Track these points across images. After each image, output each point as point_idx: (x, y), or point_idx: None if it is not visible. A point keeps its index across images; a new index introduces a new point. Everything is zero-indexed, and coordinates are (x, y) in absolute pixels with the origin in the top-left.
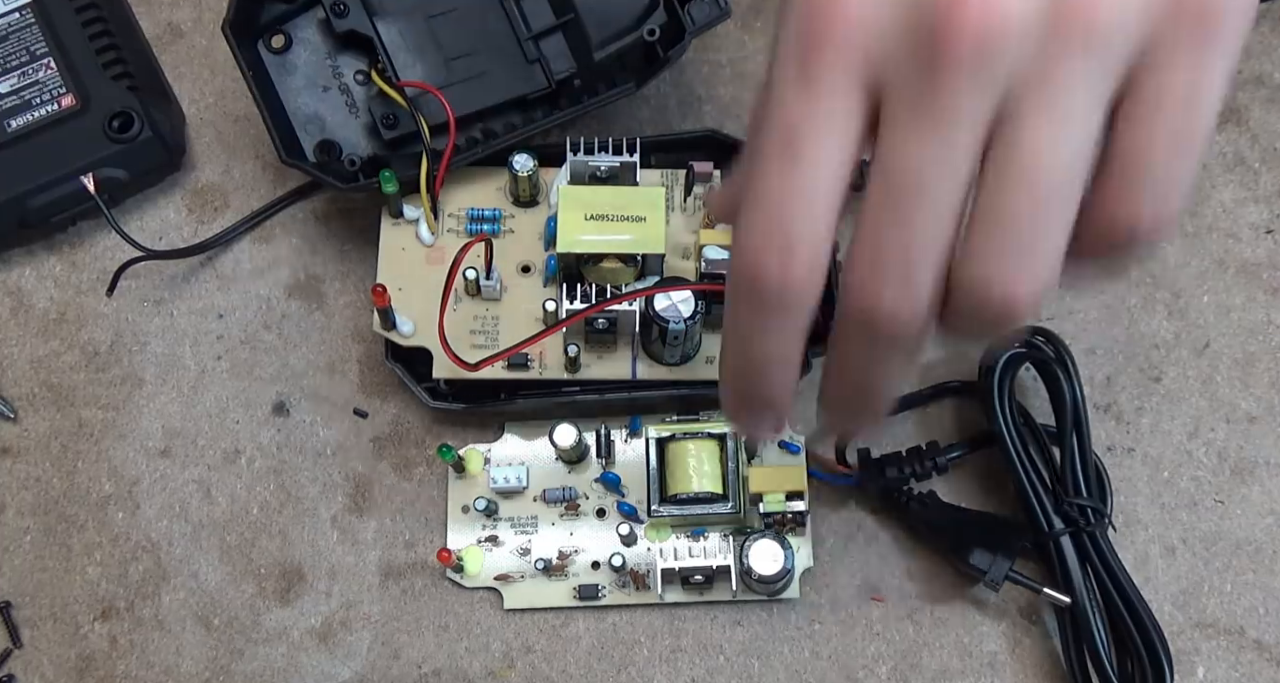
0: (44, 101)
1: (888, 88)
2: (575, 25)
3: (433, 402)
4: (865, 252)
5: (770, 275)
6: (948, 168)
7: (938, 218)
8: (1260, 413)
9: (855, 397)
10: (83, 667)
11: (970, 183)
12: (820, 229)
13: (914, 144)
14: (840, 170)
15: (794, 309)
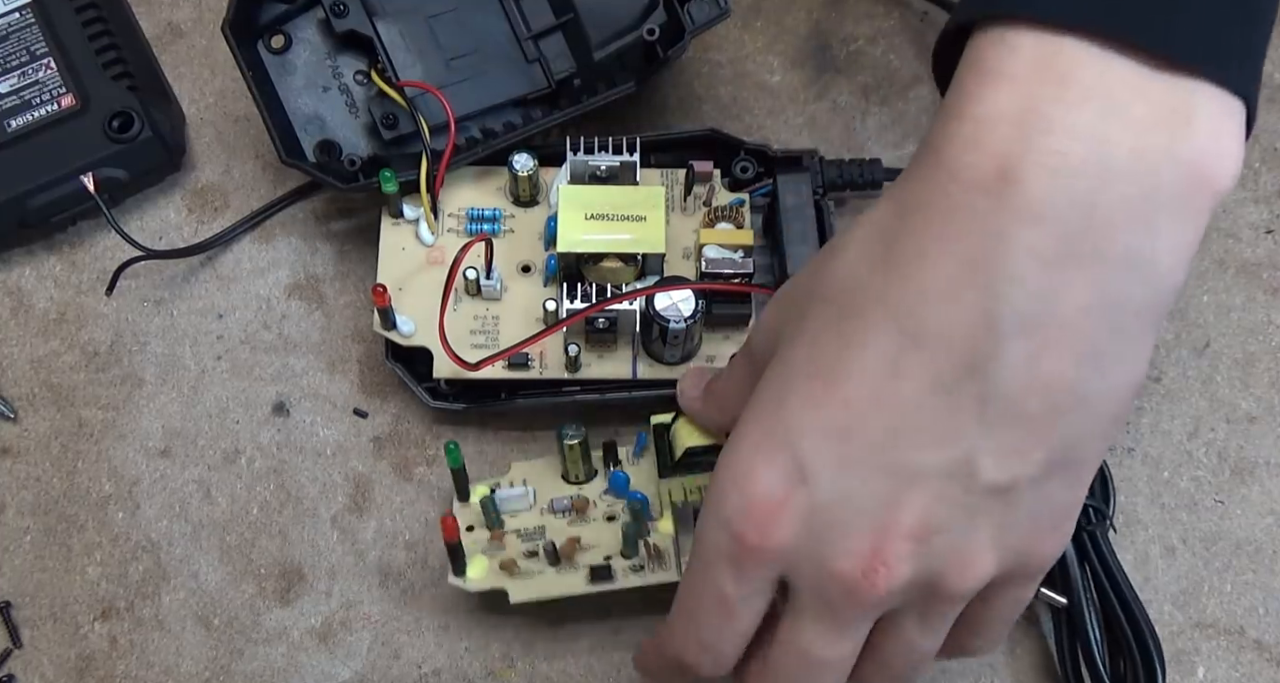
0: (44, 101)
1: (800, 587)
2: (575, 25)
3: (433, 402)
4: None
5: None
6: (837, 657)
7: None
8: (1260, 413)
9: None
10: (83, 667)
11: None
12: (735, 652)
13: (818, 638)
14: (755, 622)
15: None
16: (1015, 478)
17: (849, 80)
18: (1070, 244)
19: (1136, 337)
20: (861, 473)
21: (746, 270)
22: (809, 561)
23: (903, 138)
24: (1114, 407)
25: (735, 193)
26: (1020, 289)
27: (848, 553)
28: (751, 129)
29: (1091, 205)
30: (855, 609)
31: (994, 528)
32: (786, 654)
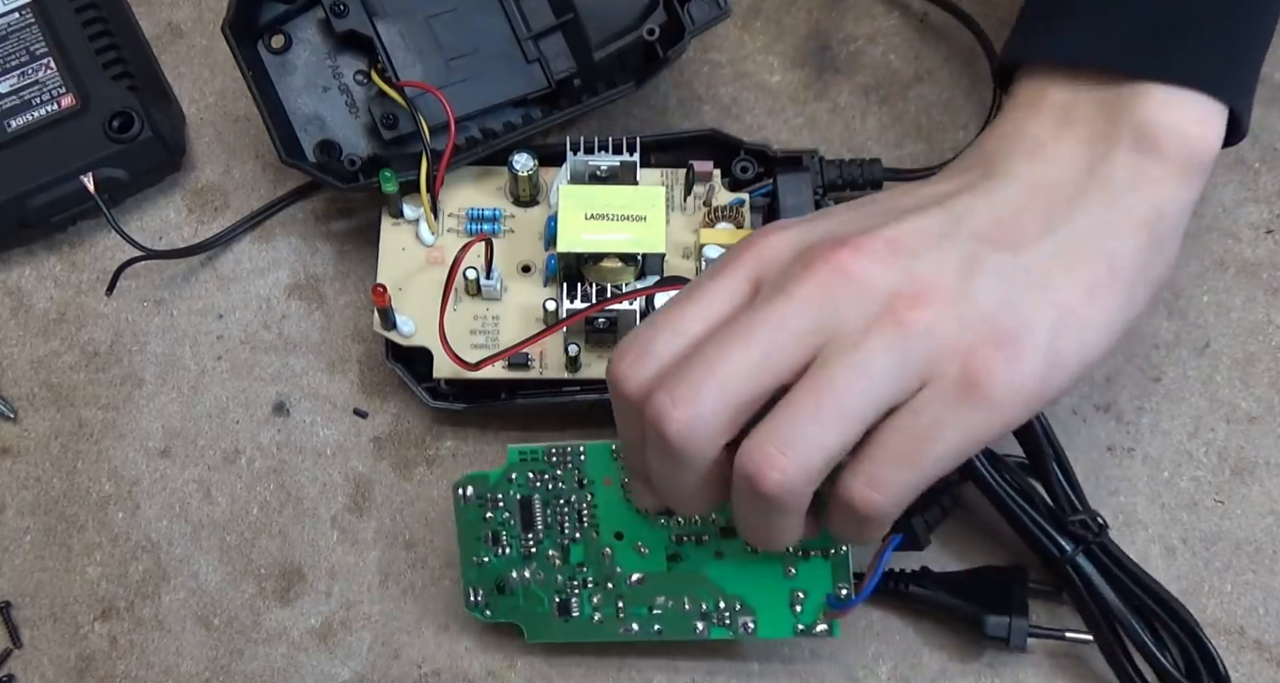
0: (44, 101)
1: (770, 275)
2: (575, 25)
3: (433, 402)
4: (670, 369)
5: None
6: (770, 338)
7: (741, 365)
8: (1260, 413)
9: (637, 473)
10: (83, 667)
11: (783, 369)
12: (670, 342)
13: (759, 310)
14: (719, 311)
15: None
16: (992, 245)
17: (849, 80)
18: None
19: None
20: (863, 214)
21: None
22: (788, 250)
23: (903, 138)
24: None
25: (735, 193)
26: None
27: (823, 241)
28: (751, 129)
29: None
30: (806, 282)
31: (957, 281)
32: (722, 328)
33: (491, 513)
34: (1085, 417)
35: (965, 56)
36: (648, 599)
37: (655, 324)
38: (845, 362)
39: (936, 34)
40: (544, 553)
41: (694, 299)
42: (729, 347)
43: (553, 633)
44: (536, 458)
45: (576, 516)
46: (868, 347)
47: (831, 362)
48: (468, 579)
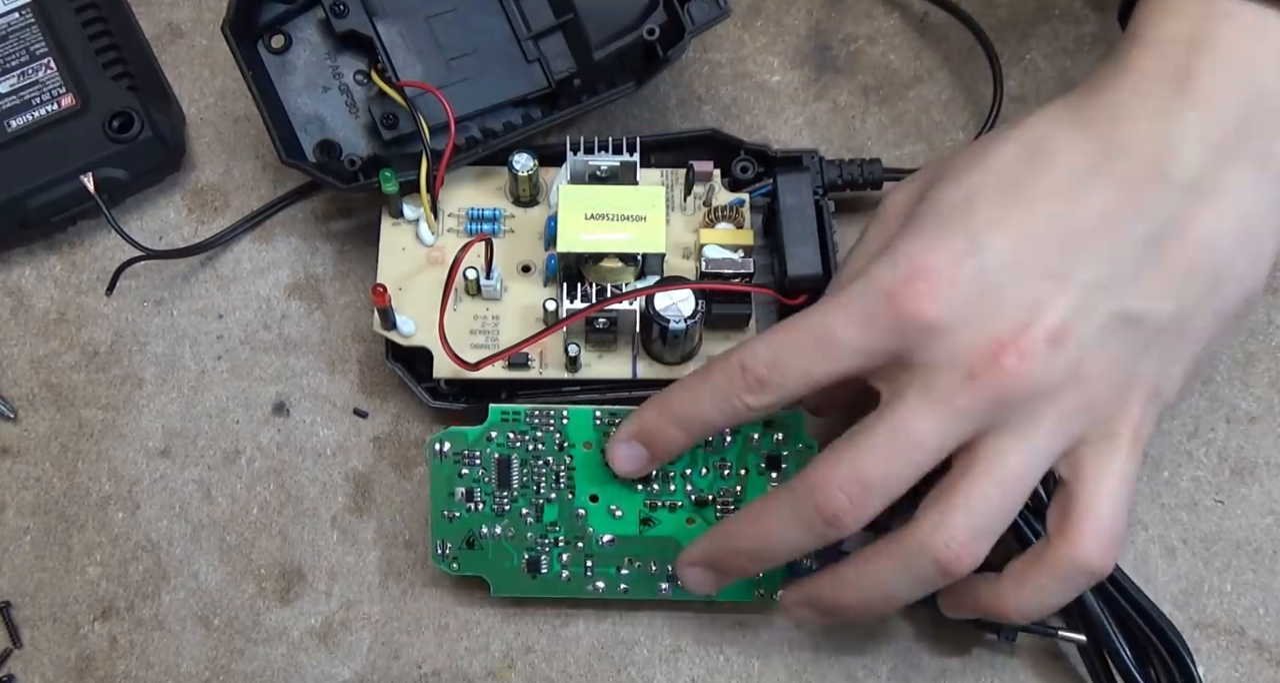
0: (44, 101)
1: (920, 368)
2: (575, 25)
3: (433, 402)
4: (845, 465)
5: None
6: (939, 443)
7: (909, 470)
8: (1260, 413)
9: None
10: (83, 667)
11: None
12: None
13: (926, 417)
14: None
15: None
16: (1146, 313)
17: (849, 80)
18: (1231, 134)
19: (1266, 239)
20: (1026, 272)
21: (746, 270)
22: (944, 336)
23: (903, 138)
24: (1243, 289)
25: (735, 193)
26: (1188, 156)
27: (987, 338)
28: (751, 129)
29: (1247, 108)
30: (969, 394)
31: (1113, 353)
32: (875, 432)
33: (467, 470)
34: None
35: (965, 56)
36: (616, 560)
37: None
38: (1017, 453)
39: (936, 34)
40: (517, 511)
41: (824, 358)
42: (898, 457)
43: (519, 588)
44: (518, 418)
45: (554, 476)
46: (1036, 438)
47: (1007, 451)
48: (436, 532)
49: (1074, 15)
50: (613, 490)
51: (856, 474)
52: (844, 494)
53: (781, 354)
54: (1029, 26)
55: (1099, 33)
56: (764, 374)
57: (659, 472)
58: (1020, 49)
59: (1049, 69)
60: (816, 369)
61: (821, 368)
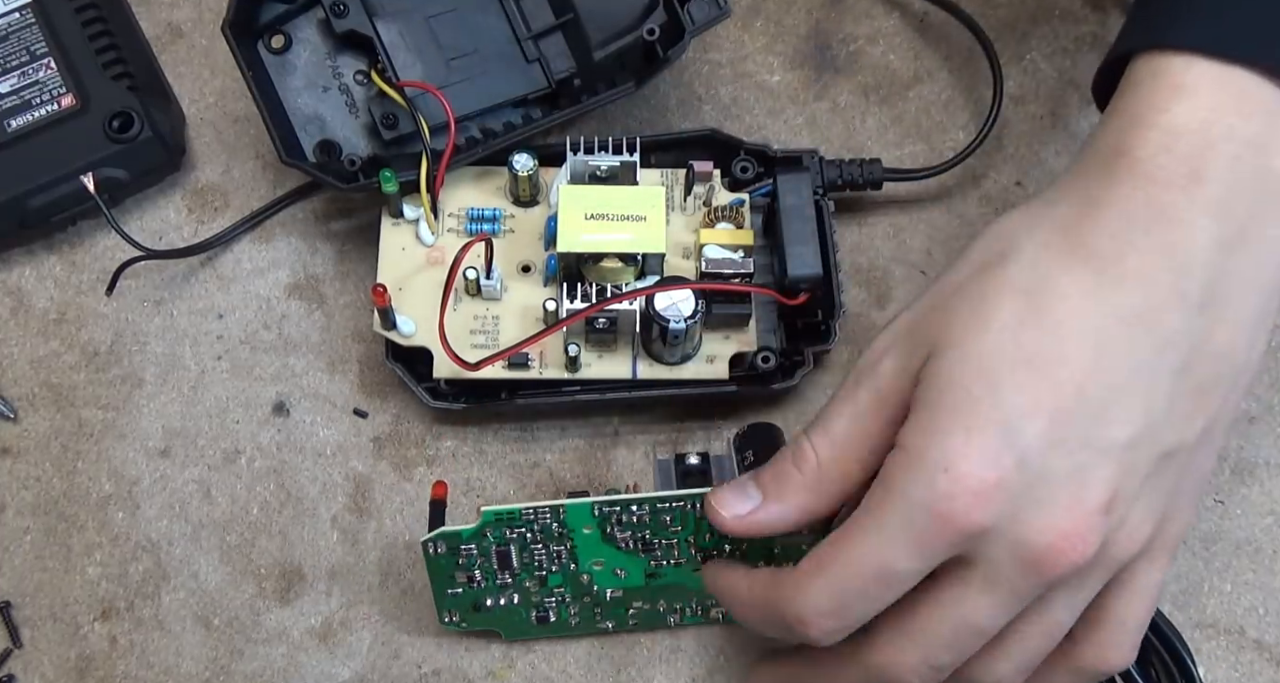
0: (44, 101)
1: (979, 560)
2: (575, 25)
3: (433, 402)
4: (918, 654)
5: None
6: (999, 625)
7: (972, 652)
8: (1260, 413)
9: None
10: (83, 667)
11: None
12: (862, 622)
13: (988, 606)
14: (905, 590)
15: None
16: (1181, 443)
17: (849, 80)
18: (1242, 233)
19: (1269, 318)
20: (1066, 449)
21: (747, 270)
22: (1002, 537)
23: (903, 138)
24: (1250, 376)
25: (735, 193)
26: (1203, 270)
27: (1045, 529)
28: (751, 129)
29: (1256, 201)
30: (1036, 582)
31: (1154, 494)
32: (942, 622)
33: (464, 560)
34: None
35: (965, 56)
36: (625, 605)
37: (848, 604)
38: (1068, 605)
39: (936, 34)
40: (521, 583)
41: (889, 591)
42: (964, 645)
43: (531, 633)
44: (513, 517)
45: (554, 557)
46: (1086, 590)
47: (1056, 608)
48: (442, 605)
49: (1074, 15)
50: (616, 556)
51: (928, 662)
52: (914, 677)
53: (845, 601)
54: (1029, 26)
55: (1099, 33)
56: (833, 625)
57: (660, 540)
58: (1020, 49)
59: (1049, 69)
60: (884, 601)
61: (888, 598)
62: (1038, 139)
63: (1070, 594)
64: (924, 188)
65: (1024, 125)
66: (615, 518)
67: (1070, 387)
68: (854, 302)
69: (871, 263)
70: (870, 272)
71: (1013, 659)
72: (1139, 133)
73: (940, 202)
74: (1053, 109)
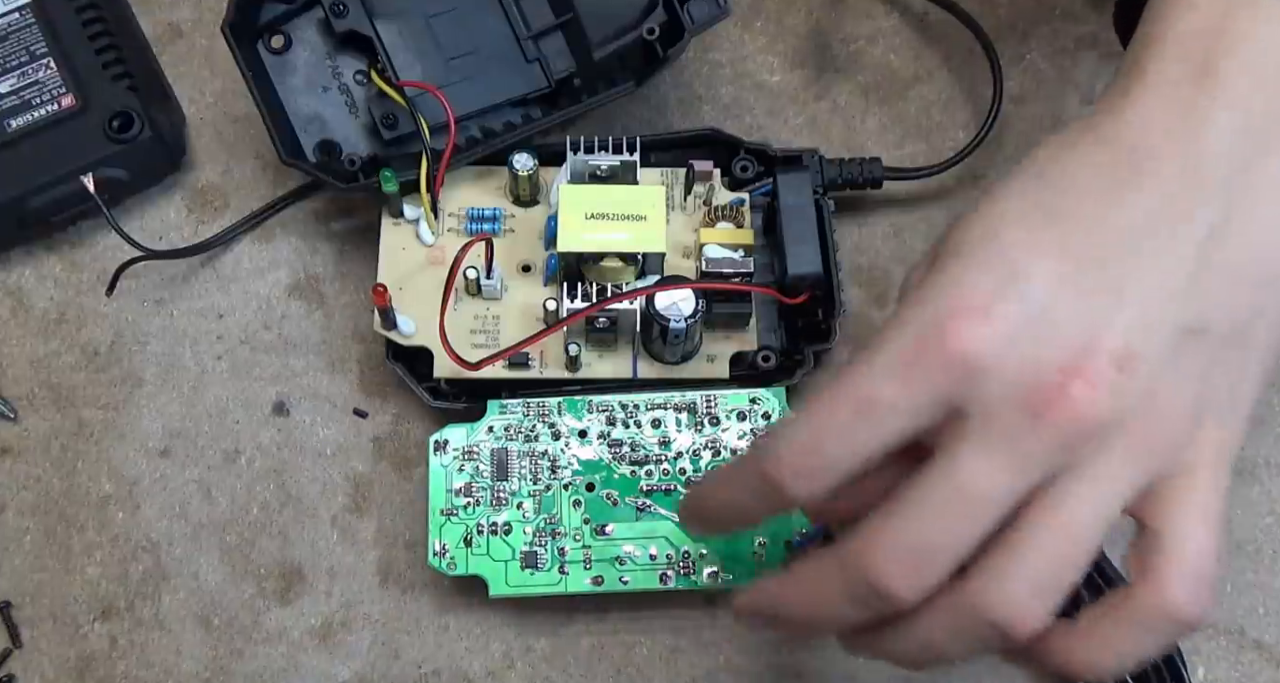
0: (44, 101)
1: (975, 412)
2: (575, 24)
3: (433, 401)
4: (899, 532)
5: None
6: (1004, 497)
7: (973, 531)
8: (1260, 413)
9: (804, 621)
10: (83, 667)
11: (1008, 515)
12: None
13: (984, 468)
14: (882, 445)
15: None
16: (1206, 324)
17: (849, 80)
18: (1262, 127)
19: None
20: (1074, 288)
21: (747, 270)
22: (999, 373)
23: (903, 138)
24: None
25: (735, 192)
26: (1221, 154)
27: (1046, 364)
28: (751, 129)
29: (1277, 97)
30: (1037, 435)
31: (1182, 377)
32: (932, 490)
33: (465, 464)
34: None
35: (965, 56)
36: (615, 550)
37: (825, 438)
38: (1089, 497)
39: (936, 34)
40: (514, 503)
41: (869, 425)
42: (960, 518)
43: (517, 586)
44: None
45: (551, 466)
46: (1109, 477)
47: (1074, 497)
48: (434, 533)
49: (1074, 15)
50: (609, 480)
51: (915, 540)
52: (899, 564)
53: (820, 434)
54: (1029, 26)
55: (1099, 33)
56: (803, 463)
57: (658, 457)
58: (1020, 49)
59: (1049, 69)
60: (863, 441)
61: (869, 438)
62: (1037, 139)
63: (1090, 478)
64: (924, 187)
65: (1024, 125)
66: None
67: (1079, 231)
68: (854, 301)
69: (871, 262)
70: (870, 271)
71: (1027, 566)
72: (1153, 46)
73: (940, 201)
74: (1053, 109)
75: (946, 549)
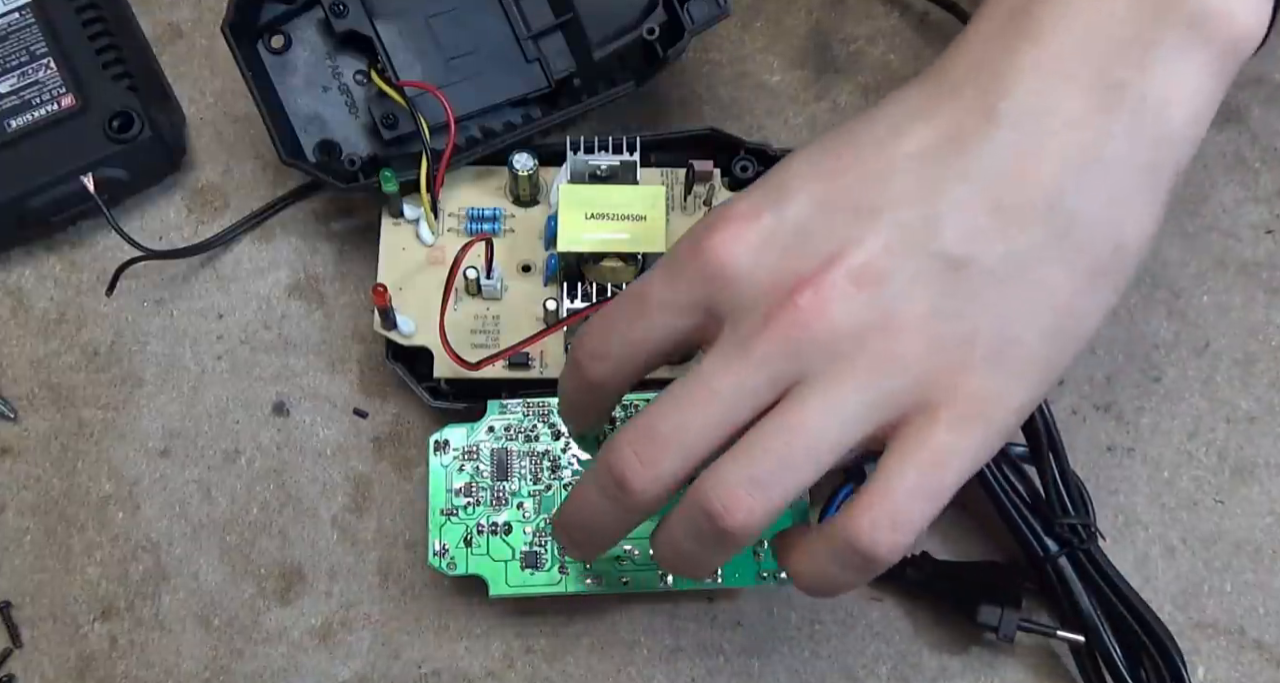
0: (44, 101)
1: (726, 319)
2: (575, 25)
3: (433, 401)
4: (639, 422)
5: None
6: (733, 396)
7: (704, 425)
8: (1260, 413)
9: (578, 526)
10: (83, 667)
11: (746, 419)
12: (623, 357)
13: (720, 367)
14: (656, 341)
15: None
16: (970, 256)
17: (849, 80)
18: (1069, 64)
19: (1124, 178)
20: (831, 209)
21: None
22: (747, 281)
23: None
24: (1092, 248)
25: (735, 192)
26: (1018, 89)
27: (784, 275)
28: (751, 129)
29: (1090, 36)
30: (766, 338)
31: (932, 304)
32: (679, 385)
33: (465, 464)
34: (1085, 417)
35: None
36: (615, 550)
37: (609, 327)
38: (817, 404)
39: (936, 34)
40: (514, 503)
41: (641, 318)
42: (692, 408)
43: (517, 586)
44: (515, 410)
45: (551, 466)
46: (840, 389)
47: (803, 402)
48: (434, 533)
49: None
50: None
51: (646, 430)
52: (632, 452)
53: (606, 323)
54: None
55: None
56: (593, 346)
57: None
58: None
59: None
60: (635, 332)
61: (640, 330)
62: None
63: (818, 387)
64: None
65: None
66: None
67: (852, 159)
68: None
69: None
70: None
71: (745, 458)
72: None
73: None
74: None
75: (676, 440)
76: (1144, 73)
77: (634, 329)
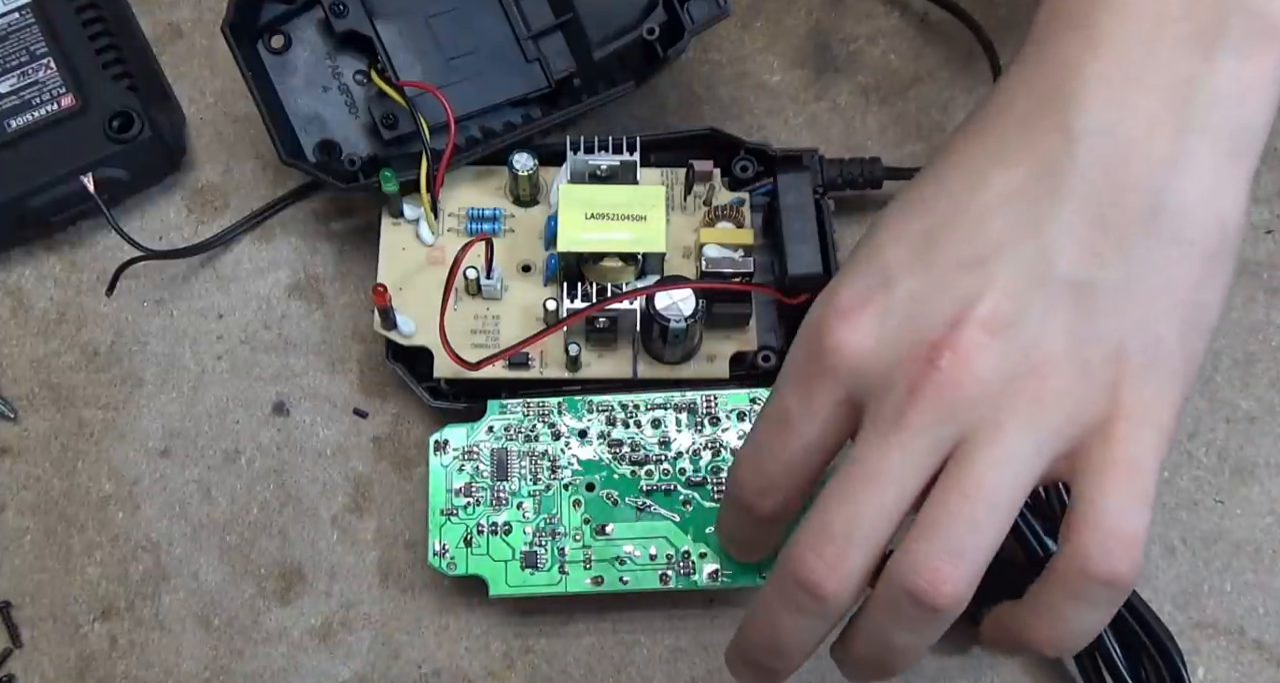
0: (44, 101)
1: (869, 403)
2: (575, 24)
3: (433, 401)
4: (812, 524)
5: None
6: (900, 473)
7: (880, 510)
8: (1260, 413)
9: (768, 649)
10: (83, 667)
11: (917, 493)
12: (784, 479)
13: (878, 449)
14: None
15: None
16: (1090, 279)
17: (849, 80)
18: (1132, 68)
19: (1206, 164)
20: (939, 271)
21: (747, 270)
22: (875, 363)
23: (903, 138)
24: (1198, 236)
25: (735, 192)
26: (1090, 103)
27: (914, 346)
28: (751, 129)
29: (1150, 40)
30: (921, 407)
31: (1068, 332)
32: (844, 479)
33: (465, 464)
34: None
35: (965, 56)
36: (615, 550)
37: (762, 457)
38: (986, 459)
39: (936, 34)
40: (514, 503)
41: (791, 439)
42: (863, 497)
43: (518, 586)
44: (515, 410)
45: (551, 466)
46: (1004, 438)
47: (972, 461)
48: (434, 533)
49: None
50: (609, 480)
51: (822, 531)
52: (815, 556)
53: (758, 455)
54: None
55: None
56: (754, 482)
57: (658, 458)
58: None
59: None
60: (791, 454)
61: (795, 451)
62: None
63: (989, 440)
64: None
65: None
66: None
67: (940, 212)
68: None
69: None
70: None
71: (936, 530)
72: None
73: None
74: None
75: (856, 533)
76: (1210, 65)
77: (789, 451)
